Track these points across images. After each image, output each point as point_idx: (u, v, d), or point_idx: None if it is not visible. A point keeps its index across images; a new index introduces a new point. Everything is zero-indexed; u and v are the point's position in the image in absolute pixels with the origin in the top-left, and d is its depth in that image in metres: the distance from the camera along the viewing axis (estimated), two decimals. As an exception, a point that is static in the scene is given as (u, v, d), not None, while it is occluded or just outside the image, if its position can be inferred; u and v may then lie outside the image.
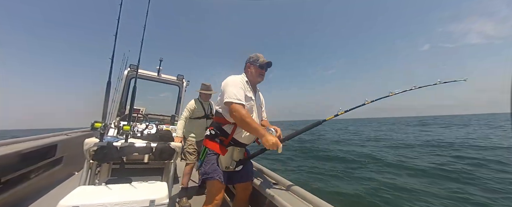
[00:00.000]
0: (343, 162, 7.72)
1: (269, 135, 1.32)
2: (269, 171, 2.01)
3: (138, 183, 1.49)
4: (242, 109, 1.38)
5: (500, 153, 7.87)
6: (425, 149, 9.85)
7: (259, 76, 1.64)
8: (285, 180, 1.74)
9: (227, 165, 1.53)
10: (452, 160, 7.15)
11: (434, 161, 7.14)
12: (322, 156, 8.97)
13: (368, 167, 6.78)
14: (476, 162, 6.72)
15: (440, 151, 9.06)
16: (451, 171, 5.81)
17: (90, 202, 1.16)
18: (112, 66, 1.98)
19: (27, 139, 2.57)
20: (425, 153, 8.70)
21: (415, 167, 6.40)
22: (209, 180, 1.46)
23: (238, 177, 1.63)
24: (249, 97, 1.53)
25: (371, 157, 8.19)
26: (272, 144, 1.27)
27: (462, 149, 9.10)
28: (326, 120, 1.50)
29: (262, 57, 1.62)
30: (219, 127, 1.55)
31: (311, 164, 7.59)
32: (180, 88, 3.86)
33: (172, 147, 1.96)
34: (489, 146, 9.46)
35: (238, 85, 1.49)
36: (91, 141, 1.68)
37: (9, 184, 2.01)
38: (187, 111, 2.71)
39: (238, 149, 1.59)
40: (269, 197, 1.53)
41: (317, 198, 1.36)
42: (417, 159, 7.63)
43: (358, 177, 5.67)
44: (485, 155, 7.58)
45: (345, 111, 1.54)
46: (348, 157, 8.44)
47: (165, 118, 3.64)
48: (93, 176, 1.90)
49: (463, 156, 7.60)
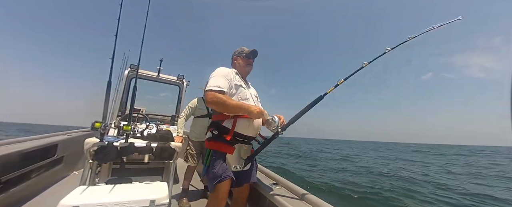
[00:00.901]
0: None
1: (253, 106, 1.36)
2: (269, 171, 2.01)
3: (138, 183, 1.49)
4: (217, 94, 1.34)
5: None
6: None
7: (247, 66, 1.66)
8: (285, 180, 1.74)
9: (235, 164, 1.45)
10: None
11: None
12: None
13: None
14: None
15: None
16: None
17: (90, 202, 1.16)
18: (112, 66, 1.98)
19: (28, 138, 2.57)
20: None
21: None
22: (223, 181, 1.35)
23: (245, 178, 1.54)
24: (238, 85, 1.51)
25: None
26: (258, 112, 1.32)
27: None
28: (327, 93, 1.44)
29: (247, 48, 1.68)
30: (219, 125, 1.47)
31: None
32: (180, 88, 3.86)
33: (172, 147, 1.96)
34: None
35: (221, 74, 1.46)
36: (92, 141, 1.68)
37: (9, 183, 2.01)
38: (188, 109, 2.65)
39: (245, 146, 1.52)
40: (269, 197, 1.53)
41: (317, 198, 1.36)
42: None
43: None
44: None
45: (344, 79, 1.45)
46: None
47: (165, 118, 3.64)
48: (93, 176, 1.90)
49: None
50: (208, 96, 1.36)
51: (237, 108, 1.35)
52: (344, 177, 8.77)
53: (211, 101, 1.35)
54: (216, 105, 1.37)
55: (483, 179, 9.80)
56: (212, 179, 1.39)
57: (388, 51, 1.51)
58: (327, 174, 9.45)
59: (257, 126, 1.52)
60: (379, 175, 9.50)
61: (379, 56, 1.51)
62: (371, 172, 10.41)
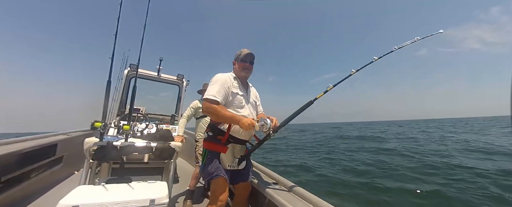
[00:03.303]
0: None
1: (244, 118, 1.39)
2: (269, 171, 2.01)
3: (138, 183, 1.49)
4: (211, 104, 1.41)
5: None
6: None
7: (243, 70, 1.63)
8: (285, 180, 1.74)
9: (229, 163, 1.53)
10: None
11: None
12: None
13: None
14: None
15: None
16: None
17: (90, 202, 1.16)
18: (112, 65, 1.98)
19: (27, 138, 2.57)
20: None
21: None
22: (214, 179, 1.45)
23: (239, 177, 1.62)
24: (235, 93, 1.54)
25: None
26: (248, 125, 1.35)
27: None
28: (317, 98, 1.50)
29: (245, 51, 1.63)
30: (214, 127, 1.56)
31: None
32: (180, 87, 3.86)
33: (172, 147, 1.96)
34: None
35: (218, 82, 1.49)
36: (91, 140, 1.68)
37: (9, 183, 2.01)
38: (190, 109, 2.65)
39: (239, 146, 1.59)
40: (269, 197, 1.53)
41: (317, 197, 1.36)
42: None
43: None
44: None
45: (333, 85, 1.52)
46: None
47: (165, 117, 3.63)
48: (93, 176, 1.90)
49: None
50: (203, 105, 1.46)
51: (229, 119, 1.43)
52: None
53: (206, 110, 1.45)
54: (210, 114, 1.49)
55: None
56: (205, 176, 1.51)
57: (375, 60, 1.60)
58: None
59: (251, 131, 1.57)
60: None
61: (366, 65, 1.61)
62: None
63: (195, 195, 2.62)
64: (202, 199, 2.63)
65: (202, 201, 2.58)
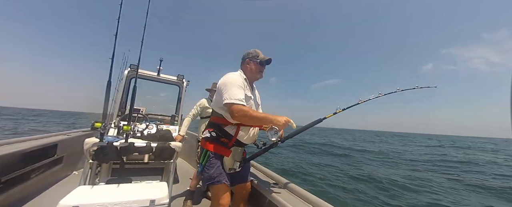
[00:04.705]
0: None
1: (279, 116, 1.30)
2: (269, 171, 2.01)
3: (138, 183, 1.49)
4: (243, 107, 1.35)
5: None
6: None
7: (259, 73, 1.60)
8: (285, 180, 1.74)
9: (230, 166, 1.50)
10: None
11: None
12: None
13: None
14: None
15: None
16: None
17: (90, 202, 1.16)
18: (112, 66, 1.98)
19: (28, 138, 2.57)
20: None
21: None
22: (216, 185, 1.40)
23: (238, 178, 1.60)
24: (248, 97, 1.49)
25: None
26: (284, 123, 1.27)
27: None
28: (326, 117, 1.55)
29: (262, 54, 1.59)
30: (220, 128, 1.49)
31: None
32: (180, 88, 3.86)
33: (172, 147, 1.96)
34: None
35: (238, 84, 1.43)
36: (91, 141, 1.68)
37: (9, 183, 2.01)
38: (197, 108, 2.62)
39: (239, 149, 1.57)
40: (269, 197, 1.54)
41: (317, 197, 1.37)
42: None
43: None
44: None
45: (342, 109, 1.63)
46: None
47: (165, 118, 3.64)
48: (93, 176, 1.90)
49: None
50: (234, 110, 1.34)
51: (263, 120, 1.34)
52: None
53: (238, 115, 1.34)
54: (243, 118, 1.36)
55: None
56: (206, 179, 1.44)
57: (381, 95, 1.77)
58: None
59: (253, 136, 1.57)
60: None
61: (374, 98, 1.77)
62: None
63: (195, 195, 2.61)
64: (204, 200, 2.63)
65: (202, 202, 2.58)
